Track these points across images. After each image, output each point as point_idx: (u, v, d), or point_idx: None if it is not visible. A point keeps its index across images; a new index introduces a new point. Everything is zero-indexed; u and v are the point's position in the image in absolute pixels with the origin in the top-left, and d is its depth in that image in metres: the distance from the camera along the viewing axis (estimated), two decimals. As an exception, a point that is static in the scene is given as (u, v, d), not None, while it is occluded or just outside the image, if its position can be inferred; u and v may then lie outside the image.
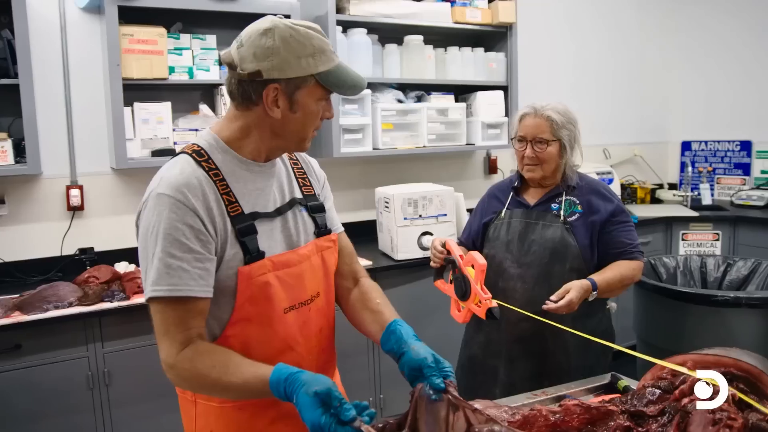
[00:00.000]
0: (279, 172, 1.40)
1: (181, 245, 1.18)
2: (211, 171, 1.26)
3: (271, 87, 1.23)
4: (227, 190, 1.27)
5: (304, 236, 1.39)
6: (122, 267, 2.80)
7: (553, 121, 2.02)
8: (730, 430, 1.08)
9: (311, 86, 1.25)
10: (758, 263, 2.80)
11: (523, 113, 2.09)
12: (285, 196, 1.39)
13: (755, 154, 4.73)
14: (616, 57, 4.83)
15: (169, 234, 1.18)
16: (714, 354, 1.32)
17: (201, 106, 3.00)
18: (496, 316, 1.66)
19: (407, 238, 3.12)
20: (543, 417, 1.27)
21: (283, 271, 1.32)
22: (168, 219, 1.18)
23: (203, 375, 1.19)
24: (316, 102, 1.28)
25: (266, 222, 1.32)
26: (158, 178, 1.25)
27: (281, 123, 1.28)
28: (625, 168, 4.91)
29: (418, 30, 3.49)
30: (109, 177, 3.01)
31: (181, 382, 1.24)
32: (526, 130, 2.05)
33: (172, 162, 1.28)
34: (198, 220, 1.21)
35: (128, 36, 2.70)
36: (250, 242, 1.27)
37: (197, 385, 1.23)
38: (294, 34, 1.23)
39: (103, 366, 2.44)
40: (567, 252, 2.02)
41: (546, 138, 2.02)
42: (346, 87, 1.29)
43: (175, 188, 1.20)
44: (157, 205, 1.20)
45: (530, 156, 2.05)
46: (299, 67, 1.23)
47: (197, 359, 1.19)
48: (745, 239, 4.09)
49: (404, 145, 3.47)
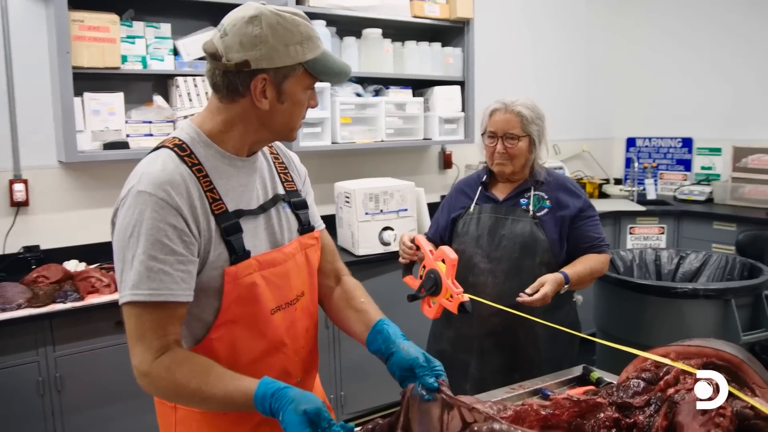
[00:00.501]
0: (261, 167, 1.34)
1: (164, 247, 1.12)
2: (194, 167, 1.19)
3: (259, 77, 1.18)
4: (211, 186, 1.20)
5: (288, 234, 1.35)
6: (72, 266, 2.66)
7: (523, 116, 2.03)
8: (723, 419, 1.10)
9: (299, 75, 1.21)
10: (709, 256, 2.91)
11: (493, 109, 2.09)
12: (268, 193, 1.34)
13: (696, 151, 4.93)
14: (566, 55, 4.94)
15: (151, 235, 1.11)
16: (695, 345, 1.35)
17: (155, 97, 2.88)
18: (468, 310, 1.65)
19: (368, 233, 3.10)
20: (534, 411, 1.27)
21: (268, 270, 1.26)
22: (150, 218, 1.12)
23: (181, 385, 1.12)
24: (304, 91, 1.24)
25: (250, 220, 1.27)
26: (138, 173, 1.17)
27: (269, 114, 1.22)
28: (574, 163, 5.03)
29: (376, 23, 3.46)
30: (56, 171, 2.85)
31: (155, 390, 1.16)
32: (497, 125, 2.05)
33: (153, 156, 1.20)
34: (181, 219, 1.14)
35: (78, 22, 2.57)
36: (236, 242, 1.21)
37: (174, 394, 1.16)
38: (281, 21, 1.17)
39: (54, 371, 2.31)
40: (537, 246, 2.04)
41: (516, 133, 2.03)
42: (333, 74, 1.25)
43: (157, 185, 1.13)
44: (138, 203, 1.13)
45: (501, 151, 2.05)
46: (288, 56, 1.18)
47: (175, 368, 1.13)
48: (688, 232, 4.26)
49: (363, 139, 3.44)
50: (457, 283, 1.68)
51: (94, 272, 2.45)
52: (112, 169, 2.94)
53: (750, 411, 1.17)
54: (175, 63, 2.89)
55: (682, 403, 1.21)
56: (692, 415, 1.17)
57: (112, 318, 2.38)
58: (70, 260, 2.73)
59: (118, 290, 1.15)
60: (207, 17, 3.08)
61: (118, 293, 1.15)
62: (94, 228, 2.93)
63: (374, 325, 1.36)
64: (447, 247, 1.74)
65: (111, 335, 2.39)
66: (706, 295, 2.40)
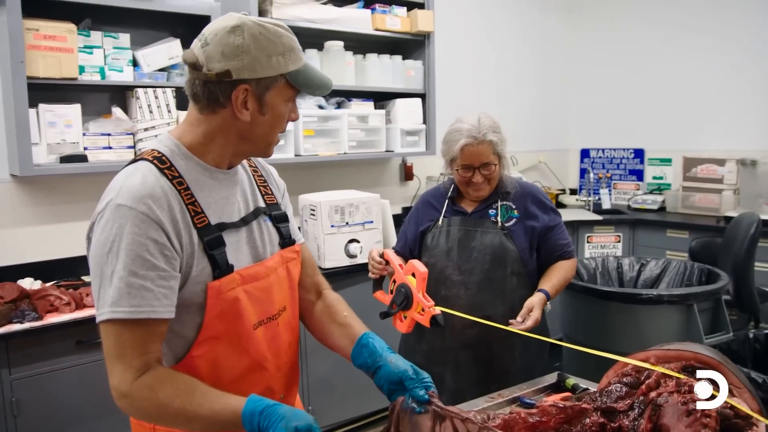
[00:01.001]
0: (242, 180, 1.32)
1: (145, 262, 1.08)
2: (175, 179, 1.16)
3: (241, 88, 1.15)
4: (192, 199, 1.17)
5: (270, 247, 1.32)
6: (27, 284, 2.54)
7: (494, 144, 2.03)
8: (709, 419, 1.12)
9: (281, 86, 1.19)
10: (668, 263, 3.00)
11: (463, 144, 2.01)
12: (249, 206, 1.31)
13: (647, 162, 5.09)
14: (524, 69, 5.05)
15: (131, 250, 1.08)
16: (675, 348, 1.38)
17: (114, 109, 2.80)
18: (441, 323, 1.64)
19: (334, 245, 3.07)
20: (522, 419, 1.28)
21: (251, 284, 1.24)
22: (130, 233, 1.08)
23: (164, 404, 1.08)
24: (285, 103, 1.22)
25: (232, 233, 1.24)
26: (116, 187, 1.13)
27: (249, 126, 1.20)
28: (531, 174, 5.12)
29: (338, 36, 3.46)
30: (7, 185, 2.72)
31: (136, 412, 1.12)
32: (472, 158, 2.03)
33: (131, 169, 1.16)
34: (163, 234, 1.11)
35: (33, 30, 2.47)
36: (220, 256, 1.18)
37: (156, 415, 1.12)
38: (264, 32, 1.16)
39: (10, 395, 2.19)
40: (507, 257, 2.06)
41: (492, 161, 2.04)
42: (314, 86, 1.23)
43: (137, 199, 1.10)
44: (117, 217, 1.09)
45: (479, 181, 2.06)
46: (270, 66, 1.16)
47: (157, 387, 1.09)
48: (643, 240, 4.38)
49: (326, 151, 3.42)
50: (428, 297, 1.68)
51: (52, 290, 2.35)
52: (69, 183, 2.84)
53: (730, 411, 1.20)
54: (134, 74, 2.81)
55: (665, 405, 1.23)
56: (677, 417, 1.19)
57: (73, 337, 2.29)
58: (24, 278, 2.61)
59: (96, 308, 1.11)
60: (166, 28, 3.02)
61: (95, 311, 1.10)
62: (49, 244, 2.81)
63: (359, 339, 1.35)
64: (417, 261, 1.73)
65: (71, 355, 2.29)
66: (669, 301, 2.47)
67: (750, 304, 3.03)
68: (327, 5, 3.37)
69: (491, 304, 2.05)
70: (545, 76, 5.23)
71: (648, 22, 4.98)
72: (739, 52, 4.52)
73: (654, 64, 4.97)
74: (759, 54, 4.43)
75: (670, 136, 4.91)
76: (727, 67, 4.59)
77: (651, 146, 5.06)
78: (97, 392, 2.35)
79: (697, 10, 4.70)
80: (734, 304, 3.04)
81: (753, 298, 3.05)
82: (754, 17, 4.43)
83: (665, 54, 4.90)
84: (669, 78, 4.89)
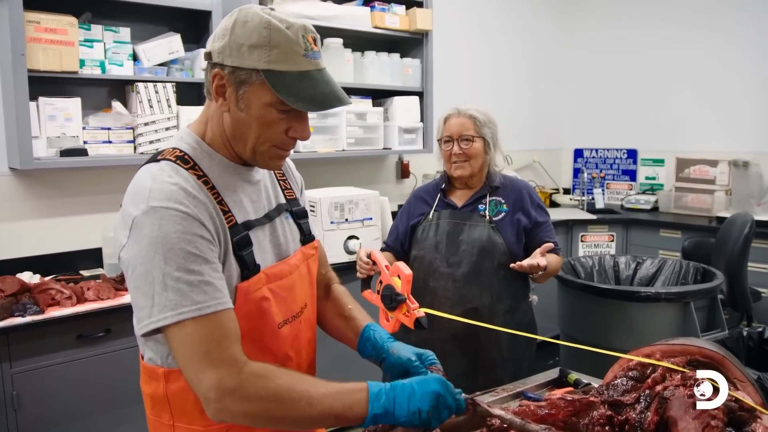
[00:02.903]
0: (263, 176, 1.28)
1: (196, 258, 1.03)
2: (201, 178, 1.11)
3: (215, 72, 1.09)
4: (219, 198, 1.13)
5: (292, 245, 1.30)
6: (26, 277, 2.53)
7: (476, 119, 2.15)
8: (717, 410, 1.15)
9: (257, 84, 1.07)
10: (663, 261, 3.04)
11: (447, 115, 2.20)
12: (272, 202, 1.28)
13: (640, 162, 5.13)
14: (519, 69, 5.08)
15: (181, 248, 1.02)
16: (679, 343, 1.40)
17: (114, 103, 2.78)
18: (424, 326, 1.65)
19: (334, 242, 3.08)
20: (531, 412, 1.30)
21: (275, 283, 1.20)
22: (176, 232, 1.02)
23: (286, 388, 1.03)
24: (265, 107, 1.09)
25: (257, 231, 1.20)
26: (144, 190, 1.05)
27: (230, 120, 1.13)
28: (525, 173, 5.15)
29: (337, 33, 3.46)
30: (7, 178, 2.70)
31: (245, 406, 1.02)
32: (452, 129, 2.15)
33: (156, 170, 1.09)
34: (205, 230, 1.06)
35: (34, 23, 2.46)
36: (248, 256, 1.15)
37: (274, 405, 1.03)
38: (254, 19, 1.06)
39: (11, 389, 2.18)
40: (494, 250, 2.11)
41: (471, 134, 2.13)
42: (303, 99, 1.07)
43: (172, 199, 1.04)
44: (156, 219, 1.02)
45: (457, 153, 2.14)
46: (243, 57, 1.06)
47: (271, 373, 1.04)
48: (637, 240, 4.43)
49: (324, 148, 3.43)
50: (412, 299, 1.69)
51: (53, 284, 2.33)
52: (68, 177, 2.82)
53: (735, 404, 1.23)
54: (134, 68, 2.81)
55: (672, 398, 1.26)
56: (684, 409, 1.22)
57: (73, 332, 2.28)
58: (23, 272, 2.60)
59: (146, 315, 1.03)
60: (166, 23, 3.02)
61: (144, 319, 1.03)
62: (47, 238, 2.80)
63: (362, 332, 1.36)
64: (402, 262, 1.73)
65: (71, 349, 2.28)
66: (667, 299, 2.51)
67: (743, 302, 3.07)
68: (327, 2, 3.38)
69: (478, 296, 2.10)
70: (539, 75, 5.27)
71: (641, 23, 5.03)
72: (732, 54, 4.58)
73: (647, 65, 5.01)
74: (752, 56, 4.49)
75: (663, 137, 4.97)
76: (720, 68, 4.64)
77: (644, 147, 5.10)
78: (97, 386, 2.36)
79: (691, 12, 4.75)
80: (727, 302, 3.09)
81: (746, 297, 3.09)
82: (747, 20, 4.49)
83: (658, 55, 4.95)
84: (662, 79, 4.94)
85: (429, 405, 1.07)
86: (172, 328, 1.02)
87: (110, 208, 2.90)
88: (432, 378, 1.12)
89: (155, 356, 1.15)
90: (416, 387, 1.08)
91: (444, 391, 1.09)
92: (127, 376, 2.34)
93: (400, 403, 1.06)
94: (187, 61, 2.99)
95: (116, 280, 2.54)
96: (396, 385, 1.09)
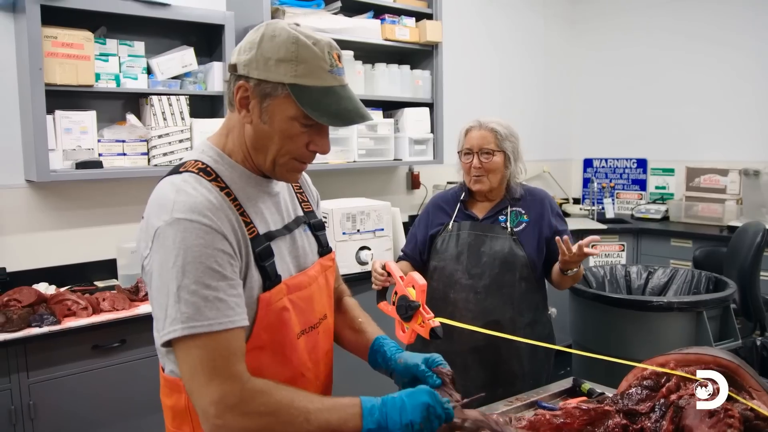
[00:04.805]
0: (282, 188, 1.30)
1: (215, 273, 1.04)
2: (223, 190, 1.12)
3: (240, 84, 1.11)
4: (241, 210, 1.14)
5: (310, 256, 1.32)
6: (42, 288, 2.56)
7: (497, 132, 2.13)
8: (733, 419, 1.15)
9: (282, 98, 1.09)
10: (675, 271, 3.03)
11: (468, 127, 2.18)
12: (291, 214, 1.30)
13: (650, 171, 5.13)
14: (529, 80, 5.11)
15: (201, 263, 1.03)
16: (694, 353, 1.41)
17: (128, 116, 2.82)
18: (440, 336, 1.65)
19: (346, 253, 3.09)
20: (547, 421, 1.30)
21: (295, 294, 1.22)
22: (197, 246, 1.03)
23: (285, 404, 1.04)
24: (289, 120, 1.11)
25: (278, 242, 1.22)
26: (168, 202, 1.06)
27: (252, 132, 1.14)
28: (536, 183, 5.12)
29: (348, 45, 3.49)
30: (23, 190, 2.74)
31: (246, 421, 1.02)
32: (472, 141, 2.14)
33: (178, 181, 1.10)
34: (228, 244, 1.07)
35: (51, 38, 2.50)
36: (270, 267, 1.16)
37: (274, 419, 1.04)
38: (282, 34, 1.09)
39: (27, 398, 2.20)
40: (516, 262, 2.11)
41: (491, 148, 2.12)
42: (327, 114, 1.10)
43: (197, 211, 1.05)
44: (179, 231, 1.03)
45: (477, 166, 2.12)
46: (269, 71, 1.09)
47: (272, 389, 1.06)
48: (647, 249, 4.42)
49: (336, 160, 3.45)
50: (427, 308, 1.69)
51: (69, 295, 2.36)
52: (83, 189, 2.86)
53: (750, 413, 1.23)
54: (149, 81, 2.84)
55: (687, 407, 1.26)
56: (700, 418, 1.22)
57: (89, 342, 2.30)
58: (39, 283, 2.63)
59: (161, 326, 1.04)
60: (179, 36, 3.06)
61: (160, 329, 1.05)
62: (62, 250, 2.83)
63: (371, 345, 1.38)
64: (416, 273, 1.75)
65: (87, 359, 2.30)
66: (679, 308, 2.50)
67: (756, 311, 3.06)
68: (338, 15, 3.41)
69: (500, 309, 2.09)
70: (549, 86, 5.29)
71: (650, 35, 5.05)
72: (741, 63, 4.58)
73: (657, 75, 5.02)
74: (762, 65, 4.50)
75: (673, 147, 4.97)
76: (729, 77, 4.65)
77: (654, 156, 5.10)
78: (112, 397, 2.37)
79: (701, 21, 4.77)
80: (740, 312, 3.07)
81: (759, 306, 3.08)
82: (757, 28, 4.50)
83: (668, 65, 4.96)
84: (672, 89, 4.95)
85: (420, 416, 1.09)
86: (181, 341, 1.02)
87: (124, 219, 2.94)
88: (420, 389, 1.13)
89: (176, 368, 1.15)
90: (406, 400, 1.10)
91: (433, 401, 1.11)
92: (142, 387, 2.37)
93: (392, 417, 1.08)
94: (200, 74, 3.03)
95: (131, 290, 2.56)
96: (387, 400, 1.11)
